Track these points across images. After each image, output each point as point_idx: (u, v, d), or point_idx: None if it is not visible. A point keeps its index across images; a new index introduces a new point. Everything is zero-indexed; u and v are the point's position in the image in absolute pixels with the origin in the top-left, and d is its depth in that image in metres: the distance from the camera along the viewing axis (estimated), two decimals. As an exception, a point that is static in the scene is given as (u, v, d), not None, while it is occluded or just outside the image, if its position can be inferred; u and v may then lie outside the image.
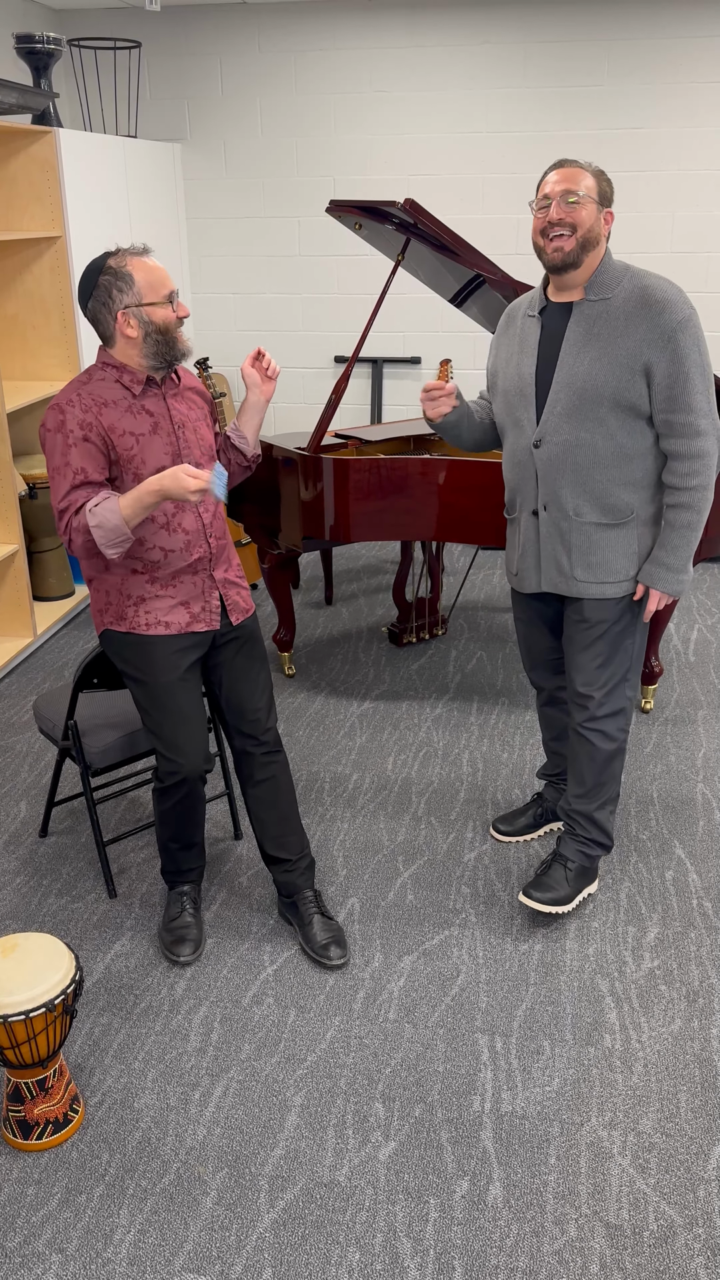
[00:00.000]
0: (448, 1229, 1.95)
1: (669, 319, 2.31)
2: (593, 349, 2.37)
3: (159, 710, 2.44)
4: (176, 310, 2.28)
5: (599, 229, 2.35)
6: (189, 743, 2.44)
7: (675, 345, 2.31)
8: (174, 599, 2.40)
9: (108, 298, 2.23)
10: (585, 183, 2.32)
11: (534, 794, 3.16)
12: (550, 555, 2.58)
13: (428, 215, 3.32)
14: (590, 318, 2.38)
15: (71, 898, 2.87)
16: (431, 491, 3.51)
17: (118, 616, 2.42)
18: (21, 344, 4.55)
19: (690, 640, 4.43)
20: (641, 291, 2.35)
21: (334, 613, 4.80)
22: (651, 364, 2.33)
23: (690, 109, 5.06)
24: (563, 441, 2.44)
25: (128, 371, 2.30)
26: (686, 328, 2.32)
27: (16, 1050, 2.00)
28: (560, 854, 2.76)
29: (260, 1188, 2.03)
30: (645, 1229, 1.94)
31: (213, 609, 2.46)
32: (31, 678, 4.18)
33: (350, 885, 2.90)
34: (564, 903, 2.70)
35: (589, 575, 2.53)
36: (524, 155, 5.25)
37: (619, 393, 2.35)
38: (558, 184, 2.32)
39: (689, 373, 2.33)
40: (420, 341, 5.66)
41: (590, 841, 2.74)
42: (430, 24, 5.11)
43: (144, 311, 2.24)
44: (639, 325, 2.33)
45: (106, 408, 2.27)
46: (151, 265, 2.25)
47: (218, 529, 2.46)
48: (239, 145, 5.46)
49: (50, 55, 4.39)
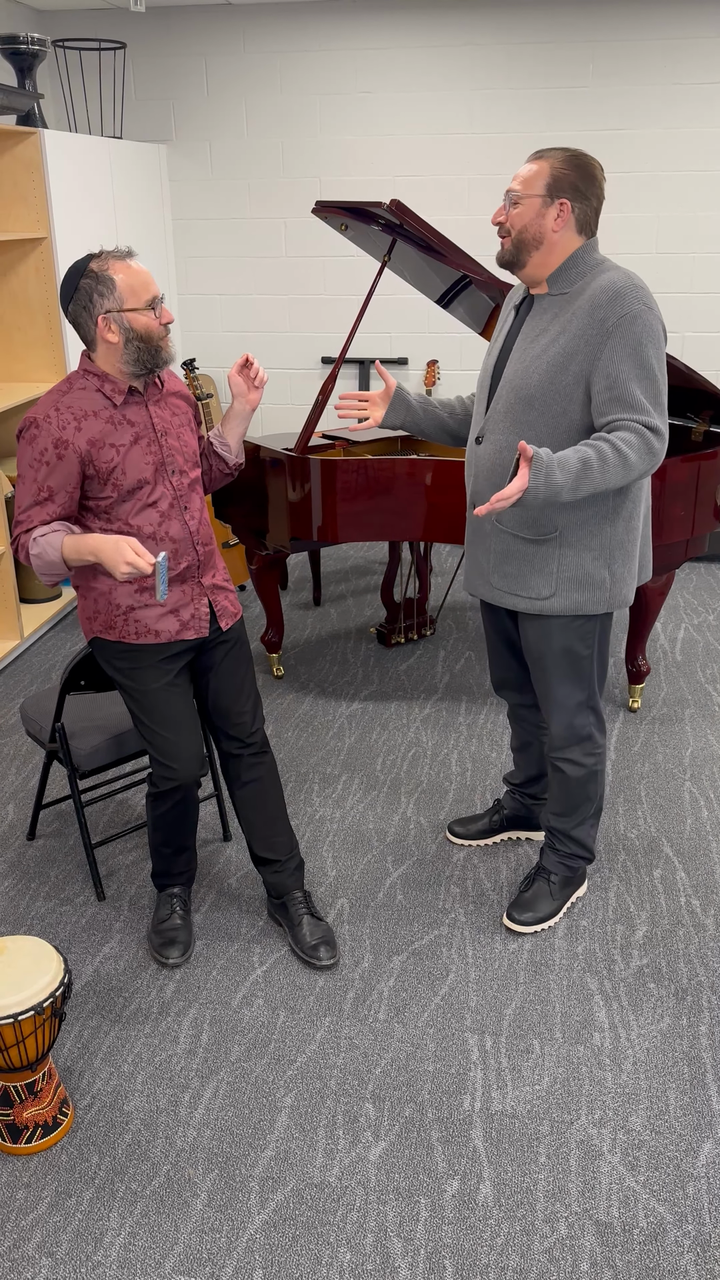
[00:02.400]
0: (438, 1228, 1.95)
1: (612, 312, 2.17)
2: (536, 346, 2.28)
3: (152, 717, 2.43)
4: (160, 316, 2.23)
5: (541, 226, 2.23)
6: (183, 749, 2.43)
7: (613, 341, 2.16)
8: (163, 608, 2.39)
9: (89, 301, 2.18)
10: (532, 177, 2.22)
11: (495, 800, 3.15)
12: (473, 556, 2.52)
13: (413, 216, 3.32)
14: (544, 312, 2.29)
15: (60, 900, 2.86)
16: (419, 492, 3.51)
17: (106, 626, 2.40)
18: (7, 346, 4.54)
19: (677, 639, 4.45)
20: (596, 286, 2.21)
21: (322, 613, 4.80)
22: (586, 366, 2.19)
23: (674, 110, 5.08)
24: (497, 441, 2.35)
25: (109, 380, 2.25)
26: (631, 323, 2.16)
27: (5, 1054, 2.00)
28: (543, 867, 2.74)
29: (251, 1189, 2.03)
30: (635, 1226, 1.94)
31: (202, 616, 2.45)
32: (19, 680, 4.17)
33: (340, 886, 2.90)
34: (548, 919, 2.69)
35: (504, 584, 2.45)
36: (508, 156, 5.26)
37: (551, 398, 2.23)
38: (511, 182, 2.28)
39: (629, 372, 2.17)
40: (407, 342, 5.66)
41: (572, 855, 2.72)
42: (415, 25, 5.12)
43: (125, 317, 2.18)
44: (579, 322, 2.21)
45: (86, 420, 2.23)
46: (135, 269, 2.20)
47: (204, 535, 2.45)
48: (224, 146, 5.46)
49: (35, 56, 4.37)
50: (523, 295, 2.41)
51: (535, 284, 2.33)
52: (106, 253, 2.21)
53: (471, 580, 2.56)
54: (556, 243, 2.26)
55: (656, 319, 2.20)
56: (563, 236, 2.26)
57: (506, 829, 3.05)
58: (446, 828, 3.11)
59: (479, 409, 2.45)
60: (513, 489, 2.11)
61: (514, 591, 2.44)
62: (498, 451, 2.36)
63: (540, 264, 2.28)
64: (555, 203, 2.23)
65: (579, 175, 2.23)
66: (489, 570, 2.48)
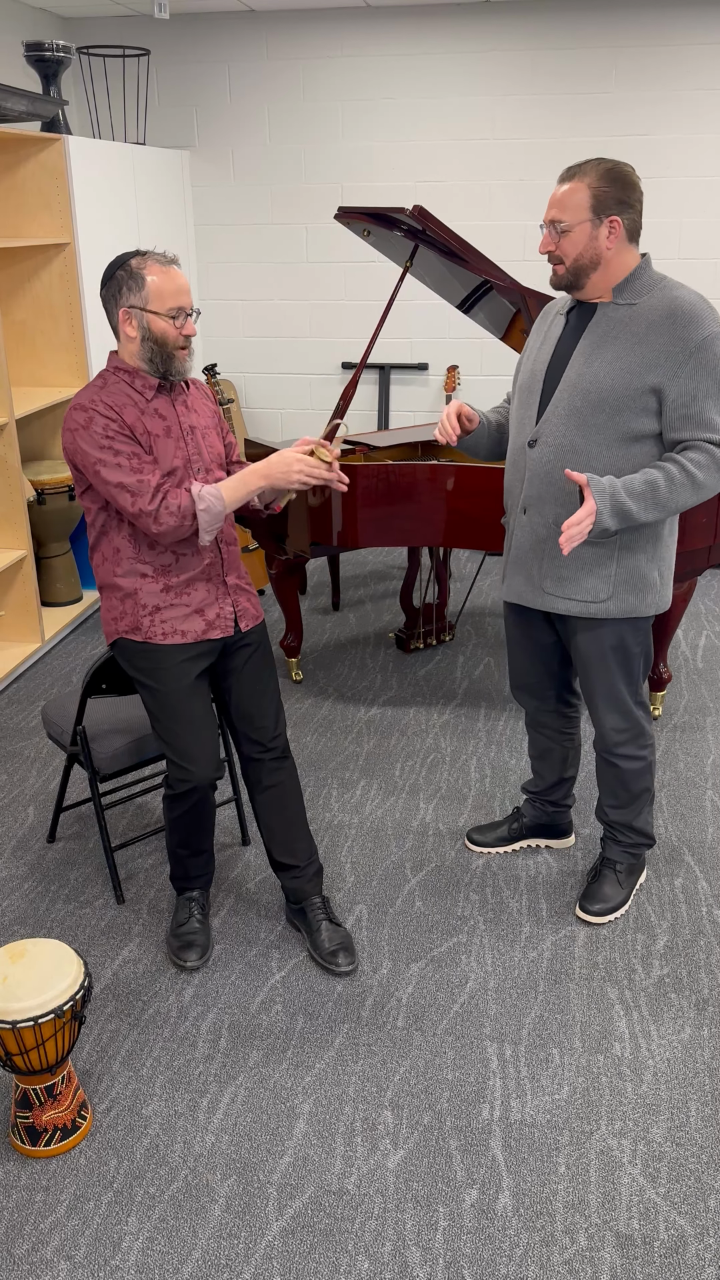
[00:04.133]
0: (457, 1238, 1.94)
1: (693, 334, 2.22)
2: (607, 353, 2.29)
3: (170, 718, 2.44)
4: (182, 327, 2.28)
5: (595, 247, 2.26)
6: (200, 750, 2.44)
7: (695, 361, 2.22)
8: (189, 607, 2.41)
9: (118, 292, 2.27)
10: (575, 202, 2.23)
11: (514, 807, 3.14)
12: (521, 562, 2.52)
13: (436, 221, 3.32)
14: (612, 320, 2.31)
15: (79, 903, 2.86)
16: (439, 497, 3.51)
17: (133, 626, 2.42)
18: (31, 351, 4.57)
19: (699, 646, 4.42)
20: (670, 302, 2.25)
21: (341, 618, 4.80)
22: (664, 380, 2.24)
23: (697, 115, 5.06)
24: (557, 444, 2.36)
25: (139, 376, 2.32)
26: (711, 345, 2.22)
27: (25, 1056, 2.00)
28: (608, 859, 2.80)
29: (269, 1195, 2.02)
30: (656, 1239, 1.93)
31: (227, 616, 2.46)
32: (40, 683, 4.18)
33: (358, 892, 2.89)
34: (620, 907, 2.76)
35: (558, 589, 2.46)
36: (531, 162, 5.26)
37: (622, 402, 2.27)
38: (549, 210, 2.28)
39: (707, 392, 2.23)
40: (427, 348, 5.66)
41: (635, 845, 2.78)
42: (437, 31, 5.12)
43: (145, 316, 2.25)
44: (659, 336, 2.24)
45: (123, 410, 2.29)
46: (170, 274, 2.25)
47: (227, 534, 2.46)
48: (247, 152, 5.48)
49: (59, 63, 4.40)
50: (571, 303, 2.42)
51: (596, 297, 2.35)
52: (151, 253, 2.28)
53: (516, 587, 2.56)
54: (613, 259, 2.29)
55: None
56: (618, 251, 2.28)
57: (526, 837, 3.04)
58: (465, 835, 3.10)
59: (527, 413, 2.45)
60: (582, 514, 2.20)
61: (569, 596, 2.46)
62: (557, 454, 2.37)
63: (600, 281, 2.31)
64: (605, 221, 2.25)
65: (619, 187, 2.24)
66: (540, 576, 2.49)
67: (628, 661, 2.54)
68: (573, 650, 2.58)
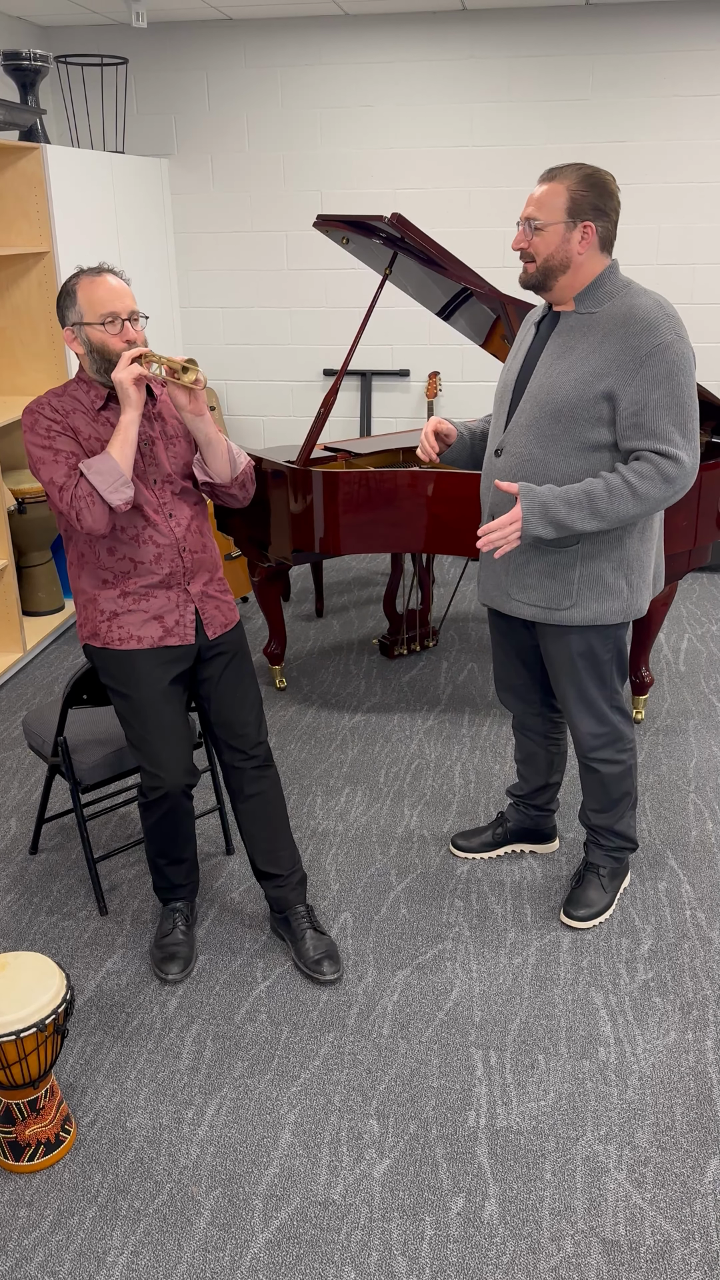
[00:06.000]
0: (443, 1246, 1.93)
1: (645, 342, 2.21)
2: (564, 362, 2.31)
3: (140, 724, 2.43)
4: (120, 334, 2.29)
5: (567, 250, 2.26)
6: (170, 757, 2.43)
7: (646, 369, 2.20)
8: (146, 613, 2.42)
9: (62, 315, 2.34)
10: (553, 203, 2.24)
11: (498, 812, 3.15)
12: (490, 567, 2.55)
13: (414, 229, 3.33)
14: (573, 329, 2.32)
15: (62, 915, 2.85)
16: (421, 504, 3.51)
17: (92, 632, 2.45)
18: (10, 360, 4.55)
19: (680, 650, 4.44)
20: (627, 310, 2.25)
21: (325, 625, 4.79)
22: (615, 388, 2.22)
23: (674, 121, 5.09)
24: (518, 454, 2.38)
25: (94, 388, 2.37)
26: (663, 353, 2.20)
27: (7, 1071, 1.98)
28: (590, 863, 2.80)
29: (254, 1207, 2.01)
30: (642, 1244, 1.93)
31: (186, 623, 2.45)
32: (21, 693, 4.16)
33: (343, 900, 2.89)
34: (604, 912, 2.76)
35: (522, 596, 2.48)
36: (509, 168, 5.28)
37: (578, 411, 2.27)
38: (527, 207, 2.29)
39: (657, 401, 2.20)
40: (408, 354, 5.67)
41: (618, 849, 2.78)
42: (415, 38, 5.14)
43: (84, 330, 2.31)
44: (613, 344, 2.24)
45: (70, 414, 2.34)
46: (96, 284, 2.29)
47: (192, 543, 2.45)
48: (226, 160, 5.48)
49: (37, 72, 4.39)
50: (543, 313, 2.44)
51: (561, 303, 2.36)
52: (84, 269, 2.33)
53: (488, 591, 2.58)
54: (583, 264, 2.29)
55: (687, 348, 2.24)
56: (588, 257, 2.29)
57: (511, 842, 3.04)
58: (450, 841, 3.10)
59: (497, 423, 2.48)
60: (504, 520, 2.25)
61: (533, 602, 2.47)
62: (518, 464, 2.38)
63: (567, 285, 2.31)
64: (579, 226, 2.26)
65: (597, 194, 2.25)
66: (507, 581, 2.50)
67: (597, 667, 2.53)
68: (545, 656, 2.59)
